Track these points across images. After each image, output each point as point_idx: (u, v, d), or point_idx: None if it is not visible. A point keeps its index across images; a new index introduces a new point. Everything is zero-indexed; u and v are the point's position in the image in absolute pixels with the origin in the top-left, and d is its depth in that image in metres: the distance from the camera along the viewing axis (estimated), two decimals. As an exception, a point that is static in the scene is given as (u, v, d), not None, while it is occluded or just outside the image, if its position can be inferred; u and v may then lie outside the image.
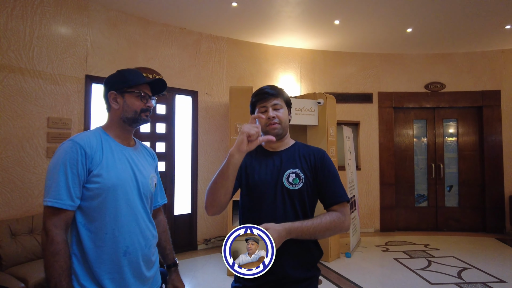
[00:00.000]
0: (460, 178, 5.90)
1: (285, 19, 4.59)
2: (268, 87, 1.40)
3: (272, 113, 1.35)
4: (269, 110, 1.36)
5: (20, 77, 3.40)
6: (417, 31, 4.98)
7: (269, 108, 1.36)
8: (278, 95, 1.39)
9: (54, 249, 1.11)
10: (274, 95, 1.38)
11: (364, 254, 4.54)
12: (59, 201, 1.14)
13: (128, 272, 1.23)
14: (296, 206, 1.31)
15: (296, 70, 5.71)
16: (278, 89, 1.41)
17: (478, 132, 5.89)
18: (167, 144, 4.62)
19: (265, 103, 1.37)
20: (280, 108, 1.38)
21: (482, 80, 5.84)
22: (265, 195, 1.32)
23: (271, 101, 1.37)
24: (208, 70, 5.00)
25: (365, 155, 5.88)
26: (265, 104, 1.37)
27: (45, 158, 3.50)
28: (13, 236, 3.05)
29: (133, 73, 1.37)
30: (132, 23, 4.32)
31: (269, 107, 1.36)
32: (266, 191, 1.32)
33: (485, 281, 3.56)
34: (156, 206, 1.51)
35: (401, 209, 5.92)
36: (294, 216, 1.30)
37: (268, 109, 1.36)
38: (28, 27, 3.46)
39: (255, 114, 1.39)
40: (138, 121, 1.35)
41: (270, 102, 1.37)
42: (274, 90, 1.39)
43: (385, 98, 5.92)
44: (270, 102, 1.37)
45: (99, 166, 1.21)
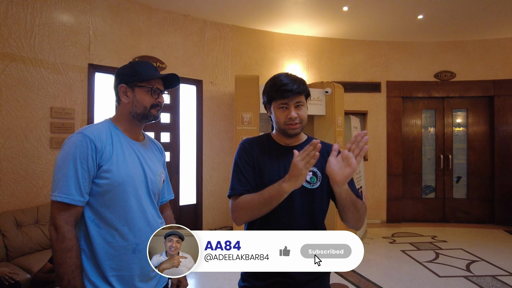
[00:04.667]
0: (468, 169, 5.80)
1: (292, 5, 4.45)
2: (289, 80, 1.22)
3: (294, 113, 1.21)
4: (291, 109, 1.21)
5: (22, 66, 3.33)
6: (428, 18, 4.81)
7: (291, 107, 1.21)
8: (302, 92, 1.22)
9: (67, 245, 1.09)
10: (299, 92, 1.21)
11: (370, 245, 4.50)
12: (69, 197, 1.11)
13: (137, 269, 1.21)
14: (314, 205, 1.25)
15: (303, 58, 5.59)
16: (302, 85, 1.23)
17: (489, 122, 5.75)
18: (171, 134, 4.57)
19: (286, 100, 1.21)
20: (302, 106, 1.23)
21: (494, 68, 5.68)
22: None
23: (295, 99, 1.21)
24: (213, 58, 4.90)
25: (372, 145, 5.79)
26: (287, 101, 1.21)
27: (48, 149, 3.46)
28: (19, 226, 3.05)
29: (145, 66, 1.30)
30: (135, 10, 4.21)
31: (292, 105, 1.21)
32: None
33: (494, 274, 3.51)
34: (163, 201, 1.47)
35: (408, 200, 5.86)
36: (313, 215, 1.25)
37: (290, 107, 1.21)
38: (29, 14, 3.38)
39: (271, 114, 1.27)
40: (148, 117, 1.29)
41: (293, 101, 1.21)
42: (298, 86, 1.21)
43: (393, 88, 5.78)
44: (293, 101, 1.21)
45: (109, 162, 1.17)
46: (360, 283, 3.30)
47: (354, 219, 1.18)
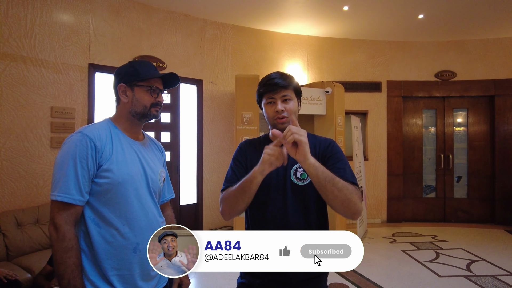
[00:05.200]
0: (469, 169, 5.80)
1: (292, 5, 4.44)
2: (277, 75, 1.27)
3: (280, 106, 1.24)
4: (278, 103, 1.24)
5: (23, 66, 3.33)
6: (429, 17, 4.81)
7: (278, 101, 1.25)
8: (288, 86, 1.26)
9: (67, 245, 1.09)
10: (284, 86, 1.25)
11: (371, 245, 4.50)
12: (69, 196, 1.11)
13: (138, 269, 1.21)
14: (307, 202, 1.24)
15: (303, 58, 5.58)
16: (288, 79, 1.28)
17: (489, 122, 5.74)
18: (172, 134, 4.57)
19: (273, 94, 1.25)
20: (289, 100, 1.26)
21: (495, 68, 5.67)
22: (272, 192, 1.25)
23: (281, 92, 1.25)
24: (213, 58, 4.90)
25: (373, 145, 5.79)
26: (274, 95, 1.25)
27: (49, 148, 3.46)
28: (19, 226, 3.05)
29: (144, 66, 1.30)
30: (135, 9, 4.21)
31: (278, 99, 1.25)
32: (273, 188, 1.25)
33: (494, 274, 3.50)
34: (163, 201, 1.47)
35: (408, 200, 5.85)
36: (306, 213, 1.24)
37: (277, 101, 1.25)
38: (29, 14, 3.38)
39: (263, 111, 1.30)
40: (148, 116, 1.30)
41: (279, 94, 1.25)
42: (284, 80, 1.26)
43: (394, 87, 5.78)
44: (279, 94, 1.25)
45: (109, 161, 1.18)
46: (360, 282, 3.30)
47: (338, 201, 1.09)
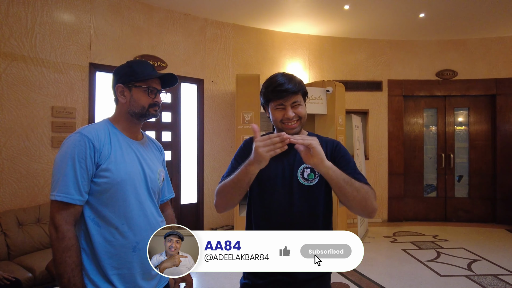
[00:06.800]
0: (470, 168, 5.79)
1: (293, 4, 4.44)
2: (285, 80, 1.20)
3: (291, 112, 1.19)
4: (288, 109, 1.20)
5: (23, 65, 3.34)
6: (430, 16, 4.79)
7: (288, 107, 1.20)
8: (298, 92, 1.21)
9: (66, 244, 1.10)
10: (294, 92, 1.19)
11: (371, 244, 4.50)
12: (68, 196, 1.12)
13: (138, 268, 1.22)
14: (314, 202, 1.23)
15: (304, 57, 5.58)
16: (297, 84, 1.21)
17: (491, 121, 5.73)
18: (172, 133, 4.57)
19: (283, 101, 1.19)
20: (299, 105, 1.22)
21: (496, 67, 5.65)
22: (278, 192, 1.24)
23: (291, 99, 1.19)
24: (214, 57, 4.90)
25: (374, 144, 5.78)
26: (283, 102, 1.20)
27: (50, 148, 3.47)
28: (20, 225, 3.06)
29: (142, 66, 1.30)
30: (135, 9, 4.21)
31: (288, 105, 1.20)
32: (279, 188, 1.24)
33: (495, 274, 3.50)
34: (163, 200, 1.48)
35: (409, 199, 5.85)
36: (313, 213, 1.23)
37: (287, 107, 1.20)
38: (30, 13, 3.38)
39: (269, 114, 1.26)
40: (146, 115, 1.30)
41: (289, 101, 1.19)
42: (294, 85, 1.19)
43: (395, 86, 5.76)
44: (290, 101, 1.19)
45: (107, 161, 1.18)
46: (361, 282, 3.30)
47: (356, 202, 1.10)
